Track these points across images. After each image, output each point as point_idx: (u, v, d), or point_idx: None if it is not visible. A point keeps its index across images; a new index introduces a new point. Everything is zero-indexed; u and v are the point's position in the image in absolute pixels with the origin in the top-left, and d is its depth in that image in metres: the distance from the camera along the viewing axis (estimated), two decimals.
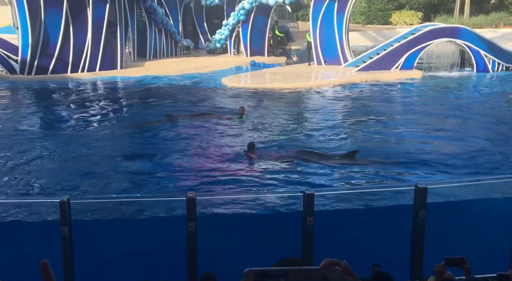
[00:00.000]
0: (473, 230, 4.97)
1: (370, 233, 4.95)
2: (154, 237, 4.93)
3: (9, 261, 4.54)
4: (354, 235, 4.94)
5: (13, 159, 9.16)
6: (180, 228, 4.30)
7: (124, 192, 7.48)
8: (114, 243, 4.82)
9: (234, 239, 4.97)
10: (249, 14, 22.63)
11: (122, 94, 16.89)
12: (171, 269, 4.59)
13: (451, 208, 5.39)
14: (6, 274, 4.43)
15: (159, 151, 9.84)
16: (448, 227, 4.96)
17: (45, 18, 18.18)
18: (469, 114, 13.19)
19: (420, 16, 35.59)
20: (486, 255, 4.64)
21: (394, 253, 4.67)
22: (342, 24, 20.59)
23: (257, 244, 4.88)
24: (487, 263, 3.68)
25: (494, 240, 4.81)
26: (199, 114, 12.61)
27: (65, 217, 4.14)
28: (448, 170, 8.46)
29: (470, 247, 4.84)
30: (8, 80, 18.28)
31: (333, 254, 4.08)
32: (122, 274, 4.62)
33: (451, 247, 4.84)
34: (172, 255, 4.66)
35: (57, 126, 12.17)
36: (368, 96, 15.89)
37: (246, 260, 4.64)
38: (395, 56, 19.42)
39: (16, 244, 4.83)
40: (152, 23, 22.69)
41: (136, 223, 5.54)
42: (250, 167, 8.76)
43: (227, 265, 4.54)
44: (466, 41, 19.36)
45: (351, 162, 8.73)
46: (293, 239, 4.41)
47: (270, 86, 17.52)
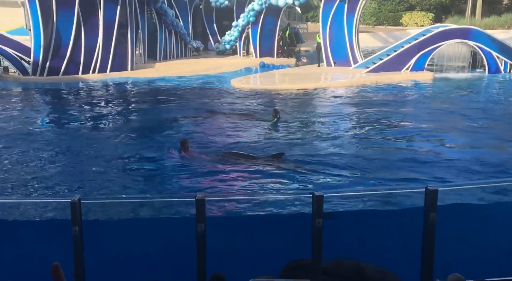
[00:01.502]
0: (485, 233, 4.92)
1: (379, 235, 4.93)
2: (164, 237, 4.96)
3: (19, 261, 4.59)
4: (363, 236, 4.92)
5: (25, 159, 9.26)
6: (189, 228, 4.31)
7: (134, 192, 7.53)
8: (124, 243, 4.86)
9: (242, 240, 4.98)
10: (259, 15, 22.65)
11: (133, 95, 17.00)
12: (180, 269, 4.61)
13: (462, 210, 5.34)
14: (16, 274, 4.48)
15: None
16: (459, 230, 4.92)
17: (57, 20, 18.37)
18: (480, 115, 13.07)
19: (431, 17, 35.35)
20: (499, 258, 4.60)
21: (404, 256, 4.64)
22: (352, 25, 20.53)
23: (266, 245, 4.88)
24: (499, 266, 3.66)
25: (507, 243, 4.76)
26: (238, 114, 12.66)
27: (76, 216, 4.18)
28: (460, 173, 8.39)
29: (483, 250, 4.79)
30: (20, 82, 18.50)
31: (342, 255, 4.05)
32: (132, 274, 4.65)
33: (463, 250, 4.80)
34: (181, 256, 4.68)
35: (69, 127, 12.29)
36: (378, 98, 15.81)
37: (254, 261, 4.64)
38: (405, 57, 19.31)
39: (26, 243, 4.88)
40: (163, 25, 22.82)
41: (145, 222, 5.58)
42: (264, 169, 8.67)
43: (236, 266, 4.55)
44: (478, 42, 19.18)
45: (277, 164, 8.60)
46: (302, 240, 4.40)
47: (279, 88, 17.52)
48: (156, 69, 21.02)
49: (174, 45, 23.92)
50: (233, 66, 22.13)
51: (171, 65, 21.88)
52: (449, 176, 8.24)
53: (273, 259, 3.56)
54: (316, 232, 4.28)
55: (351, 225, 5.15)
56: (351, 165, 8.85)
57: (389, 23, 36.70)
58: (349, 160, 9.16)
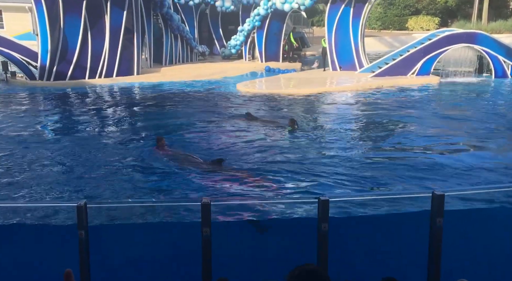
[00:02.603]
0: (493, 238, 4.88)
1: (386, 240, 4.90)
2: (169, 241, 4.95)
3: (25, 265, 4.61)
4: (369, 241, 4.89)
5: (32, 163, 9.31)
6: (194, 233, 4.31)
7: (140, 196, 7.54)
8: (130, 247, 4.86)
9: (247, 245, 4.97)
10: (264, 20, 22.72)
11: (139, 99, 17.07)
12: (185, 274, 4.60)
13: (469, 216, 5.30)
14: (22, 277, 4.50)
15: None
16: (466, 235, 4.88)
17: (64, 25, 18.52)
18: (487, 119, 13.00)
19: (437, 22, 35.29)
20: (508, 264, 4.56)
21: (410, 261, 4.61)
22: (357, 29, 20.54)
23: (271, 250, 4.87)
24: (507, 272, 3.62)
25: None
26: (270, 121, 12.56)
27: (82, 221, 4.19)
28: (467, 178, 8.34)
29: (491, 255, 4.75)
30: (28, 86, 18.64)
31: (348, 260, 4.03)
32: (137, 278, 4.65)
33: (470, 255, 4.76)
34: (186, 260, 4.67)
35: (75, 131, 12.34)
36: (383, 102, 15.78)
37: (260, 266, 4.63)
38: (411, 62, 19.28)
39: (32, 247, 4.90)
40: (168, 30, 22.94)
41: (151, 227, 5.58)
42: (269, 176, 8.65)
43: (241, 270, 4.54)
44: (484, 47, 19.12)
45: (217, 169, 8.44)
46: (308, 245, 4.38)
47: (285, 92, 17.53)
48: (162, 73, 21.12)
49: (180, 50, 24.04)
50: (238, 71, 22.20)
51: (177, 70, 21.97)
52: (455, 180, 8.19)
53: (279, 264, 3.55)
54: (321, 237, 4.26)
55: (357, 229, 5.12)
56: (357, 169, 8.82)
57: (395, 27, 36.69)
58: (355, 165, 9.12)
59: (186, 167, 8.69)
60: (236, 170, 8.62)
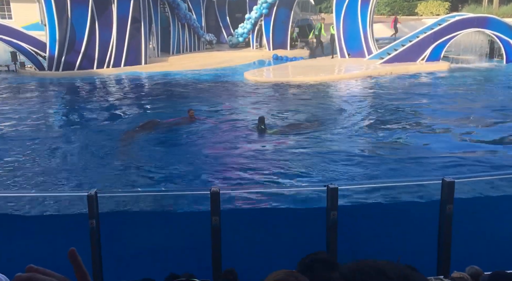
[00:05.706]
0: (504, 225, 4.85)
1: (396, 227, 4.89)
2: (180, 230, 4.99)
3: (36, 254, 4.67)
4: (379, 228, 4.88)
5: (42, 153, 9.39)
6: (204, 221, 4.33)
7: (149, 185, 7.59)
8: (140, 235, 4.91)
9: (257, 233, 4.99)
10: (272, 8, 22.51)
11: (148, 89, 17.09)
12: (196, 262, 4.64)
13: (480, 202, 5.27)
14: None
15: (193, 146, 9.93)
16: (476, 221, 4.86)
17: (72, 15, 18.52)
18: (498, 105, 12.84)
19: (447, 6, 34.71)
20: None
21: (420, 247, 4.60)
22: (366, 15, 20.28)
23: (281, 238, 4.88)
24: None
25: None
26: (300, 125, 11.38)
27: (93, 210, 4.23)
28: (477, 165, 8.27)
29: (501, 242, 4.72)
30: (37, 76, 18.73)
31: (357, 247, 4.03)
32: (148, 266, 4.70)
33: (479, 242, 4.74)
34: (196, 248, 4.71)
35: (84, 121, 12.41)
36: (393, 89, 15.64)
37: (270, 254, 4.65)
38: (421, 47, 19.04)
39: (44, 236, 4.96)
40: (176, 18, 22.84)
41: (161, 216, 5.62)
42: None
43: (251, 258, 4.56)
44: (495, 31, 18.81)
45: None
46: (318, 233, 4.38)
47: (293, 80, 17.43)
48: (170, 63, 21.09)
49: (187, 39, 23.95)
50: (246, 59, 22.08)
51: (185, 59, 21.92)
52: (465, 167, 8.13)
53: (289, 252, 3.56)
54: (331, 225, 4.26)
55: (366, 217, 5.12)
56: (367, 156, 8.78)
57: (404, 12, 36.15)
58: (364, 152, 9.09)
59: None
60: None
